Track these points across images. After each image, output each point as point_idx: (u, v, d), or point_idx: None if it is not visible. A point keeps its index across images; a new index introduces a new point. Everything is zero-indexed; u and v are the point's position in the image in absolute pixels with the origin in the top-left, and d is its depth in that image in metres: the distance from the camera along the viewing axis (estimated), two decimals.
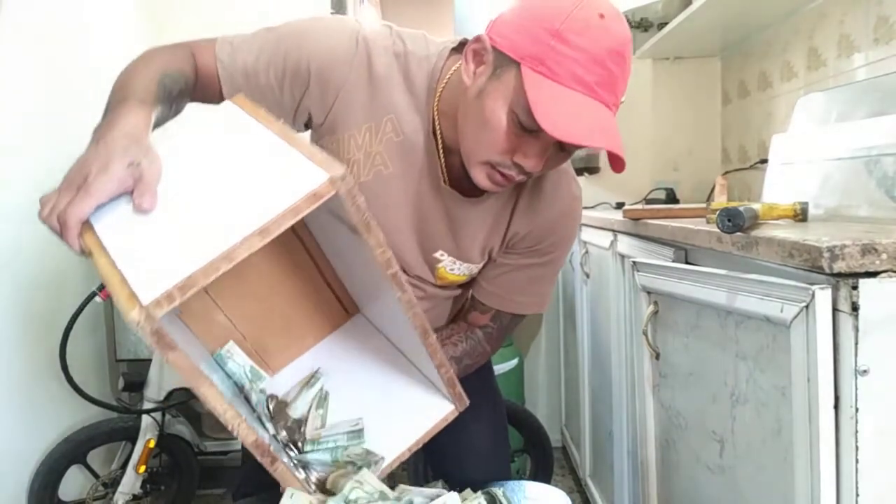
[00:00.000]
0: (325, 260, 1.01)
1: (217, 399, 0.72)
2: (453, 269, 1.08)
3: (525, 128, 0.85)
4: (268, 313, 1.00)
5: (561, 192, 1.07)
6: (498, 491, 0.97)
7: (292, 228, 0.93)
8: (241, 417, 0.74)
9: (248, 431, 0.75)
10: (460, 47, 0.99)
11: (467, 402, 0.92)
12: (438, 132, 0.97)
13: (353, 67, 0.94)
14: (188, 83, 0.93)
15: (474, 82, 0.89)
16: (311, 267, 1.01)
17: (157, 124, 0.86)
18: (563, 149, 0.91)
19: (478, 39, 0.89)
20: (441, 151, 0.98)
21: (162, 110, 0.87)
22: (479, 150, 0.89)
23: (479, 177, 0.91)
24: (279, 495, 0.79)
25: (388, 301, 0.85)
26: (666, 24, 2.23)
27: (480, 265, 1.11)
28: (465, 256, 1.07)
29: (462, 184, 1.00)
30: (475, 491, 0.97)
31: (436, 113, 0.97)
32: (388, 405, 0.95)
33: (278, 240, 0.71)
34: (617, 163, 0.86)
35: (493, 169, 0.90)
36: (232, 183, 0.73)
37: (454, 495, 0.88)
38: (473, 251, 1.07)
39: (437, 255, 1.07)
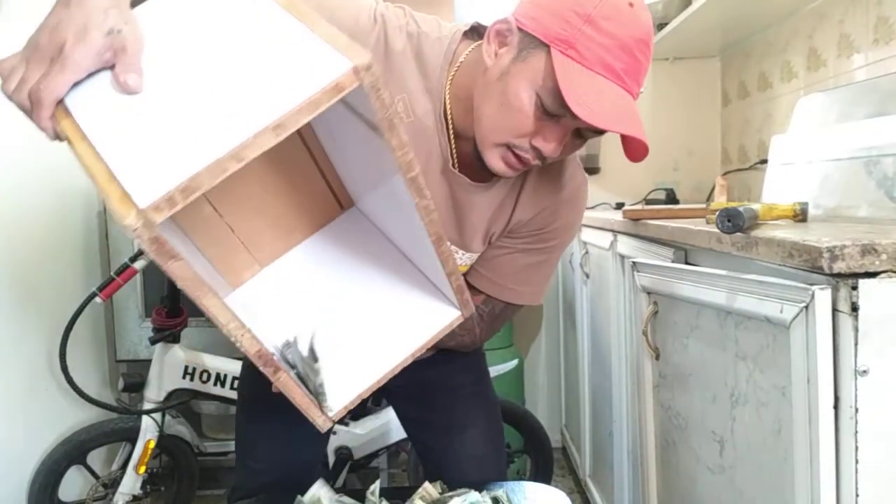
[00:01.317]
0: (322, 152, 0.92)
1: (221, 310, 0.65)
2: (457, 260, 1.06)
3: (548, 112, 0.85)
4: (257, 203, 0.91)
5: (568, 178, 1.06)
6: (500, 492, 0.97)
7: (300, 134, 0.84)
8: (245, 328, 0.68)
9: (251, 342, 0.69)
10: (472, 32, 0.98)
11: (472, 309, 0.88)
12: (449, 115, 0.96)
13: (371, 41, 0.92)
14: None
15: (496, 63, 0.88)
16: (306, 157, 0.92)
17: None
18: (580, 135, 0.91)
19: (504, 21, 0.88)
20: (451, 135, 0.97)
21: None
22: (498, 132, 0.88)
23: (494, 159, 0.90)
24: (276, 497, 0.79)
25: (391, 197, 0.79)
26: (666, 24, 2.23)
27: (481, 252, 1.09)
28: (466, 245, 1.05)
29: (470, 170, 0.99)
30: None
31: (447, 96, 0.96)
32: (390, 308, 0.89)
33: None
34: (639, 151, 0.87)
35: (510, 151, 0.89)
36: (239, 67, 0.63)
37: (475, 494, 0.88)
38: (476, 240, 1.05)
39: None
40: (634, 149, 0.87)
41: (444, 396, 1.23)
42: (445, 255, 0.80)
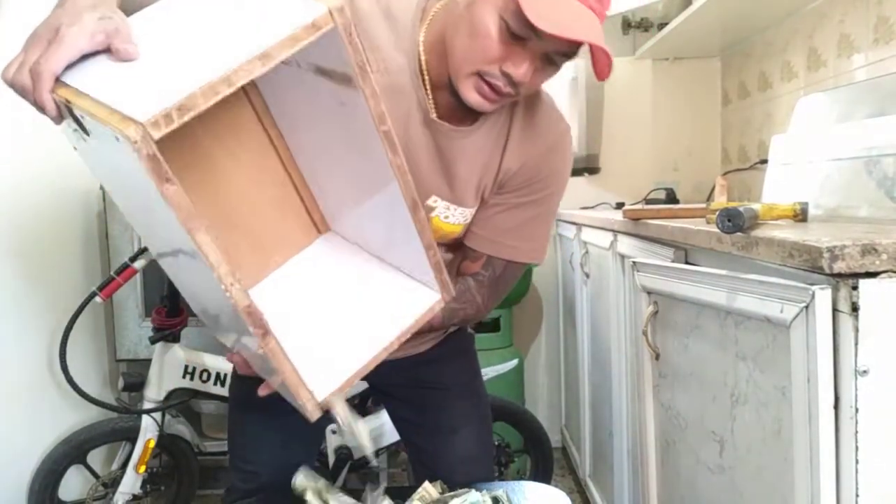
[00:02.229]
0: (297, 170, 0.96)
1: (212, 250, 0.66)
2: (447, 216, 1.05)
3: (514, 34, 0.87)
4: (237, 227, 0.94)
5: (551, 125, 1.07)
6: (500, 492, 0.97)
7: (266, 133, 0.89)
8: (235, 277, 0.68)
9: (241, 295, 0.69)
10: None
11: (453, 293, 0.89)
12: (425, 68, 0.97)
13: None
14: None
15: None
16: (283, 177, 0.95)
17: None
18: (550, 62, 0.92)
19: None
20: (428, 85, 0.98)
21: None
22: (468, 61, 0.90)
23: (468, 91, 0.91)
24: (271, 499, 0.79)
25: (368, 198, 0.82)
26: (666, 24, 2.23)
27: (474, 210, 1.08)
28: (459, 199, 1.05)
29: (452, 120, 1.00)
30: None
31: (421, 49, 0.97)
32: (371, 302, 0.90)
33: (251, 146, 0.65)
34: (603, 63, 0.88)
35: (482, 80, 0.90)
36: (221, 23, 0.69)
37: (475, 494, 0.88)
38: (468, 193, 1.05)
39: (431, 201, 1.04)
40: (602, 65, 0.88)
41: (437, 396, 1.23)
42: (421, 223, 0.81)
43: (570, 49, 0.89)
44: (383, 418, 2.04)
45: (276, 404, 1.15)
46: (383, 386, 1.29)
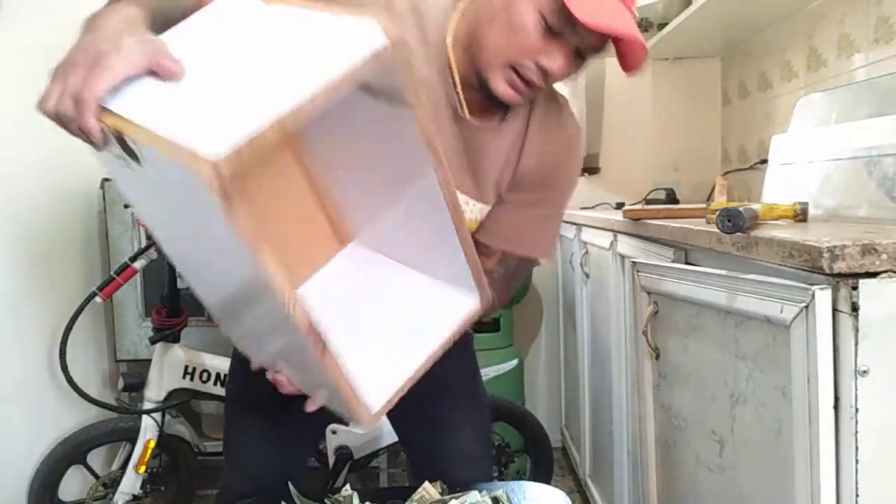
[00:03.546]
0: (319, 179, 0.95)
1: (278, 272, 0.65)
2: (467, 213, 1.07)
3: (552, 29, 0.90)
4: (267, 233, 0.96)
5: (567, 125, 1.10)
6: (500, 492, 0.97)
7: (292, 149, 0.88)
8: (297, 297, 0.67)
9: (302, 314, 0.68)
10: None
11: (490, 295, 0.91)
12: (454, 64, 0.99)
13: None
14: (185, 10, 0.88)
15: None
16: (305, 187, 0.95)
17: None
18: (580, 55, 0.95)
19: None
20: (457, 81, 0.99)
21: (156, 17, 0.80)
22: (504, 53, 0.92)
23: (499, 83, 0.93)
24: (266, 500, 0.78)
25: (396, 206, 0.82)
26: (666, 24, 2.23)
27: (490, 206, 1.10)
28: (481, 196, 1.07)
29: (476, 115, 1.01)
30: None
31: (450, 46, 0.98)
32: (410, 310, 0.90)
33: (274, 160, 0.63)
34: (640, 56, 0.92)
35: (514, 73, 0.93)
36: (270, 43, 0.67)
37: (475, 494, 0.88)
38: (489, 189, 1.07)
39: None
40: (633, 57, 0.92)
41: (436, 392, 1.22)
42: (464, 231, 0.82)
43: (601, 43, 0.93)
44: (382, 418, 2.04)
45: (273, 404, 1.15)
46: None
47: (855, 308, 0.69)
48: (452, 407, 1.23)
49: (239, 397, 1.22)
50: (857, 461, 0.70)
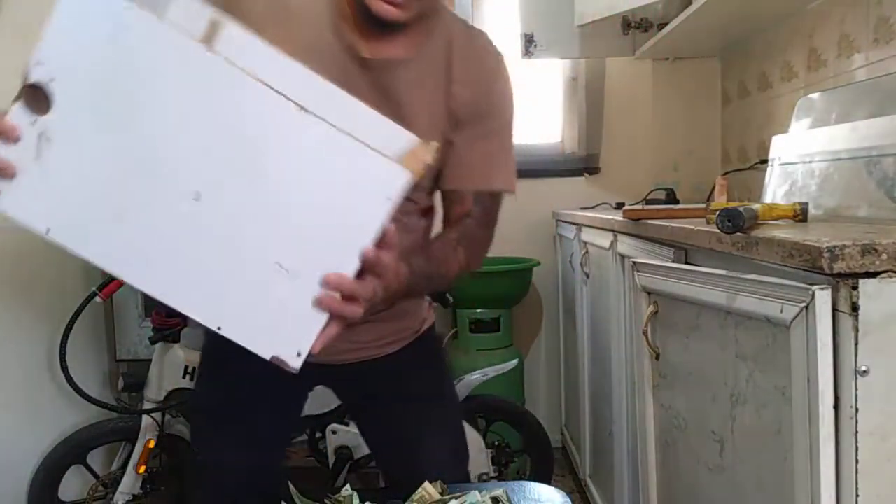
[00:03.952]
0: None
1: None
2: None
3: None
4: None
5: (490, 52, 1.11)
6: (500, 492, 0.97)
7: None
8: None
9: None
10: None
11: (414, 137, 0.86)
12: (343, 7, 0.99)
13: None
14: None
15: None
16: None
17: None
18: None
19: None
20: (352, 23, 1.00)
21: None
22: None
23: (375, 2, 0.94)
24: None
25: None
26: (666, 24, 2.23)
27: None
28: (419, 136, 1.06)
29: (381, 54, 1.01)
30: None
31: None
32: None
33: None
34: None
35: None
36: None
37: (475, 493, 0.88)
38: (421, 128, 0.98)
39: None
40: None
41: (404, 408, 1.20)
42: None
43: None
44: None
45: (243, 406, 1.14)
46: (353, 399, 1.28)
47: (855, 308, 0.69)
48: (423, 418, 1.20)
49: (208, 401, 1.20)
50: (857, 461, 0.70)
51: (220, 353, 1.15)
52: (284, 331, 0.77)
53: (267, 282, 0.74)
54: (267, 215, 0.73)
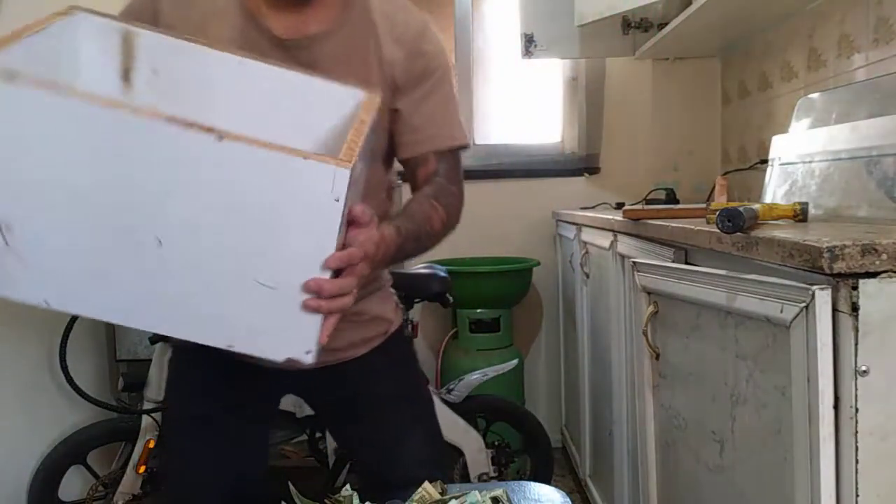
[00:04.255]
0: None
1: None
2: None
3: None
4: None
5: (411, 12, 1.10)
6: (500, 492, 0.97)
7: None
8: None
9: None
10: None
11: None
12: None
13: None
14: None
15: None
16: None
17: None
18: None
19: None
20: (263, 9, 1.00)
21: None
22: None
23: None
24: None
25: None
26: (666, 24, 2.23)
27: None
28: None
29: (297, 33, 1.01)
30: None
31: None
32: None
33: None
34: None
35: None
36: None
37: (475, 493, 0.88)
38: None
39: None
40: None
41: (378, 410, 1.19)
42: None
43: None
44: None
45: (216, 422, 1.12)
46: (324, 403, 1.25)
47: (855, 308, 0.69)
48: (398, 420, 1.19)
49: (179, 418, 1.17)
50: (856, 461, 0.70)
51: (185, 368, 1.14)
52: (288, 334, 0.78)
53: (255, 297, 0.76)
54: (227, 246, 0.74)
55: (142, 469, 1.94)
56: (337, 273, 0.77)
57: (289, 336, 0.78)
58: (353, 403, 1.19)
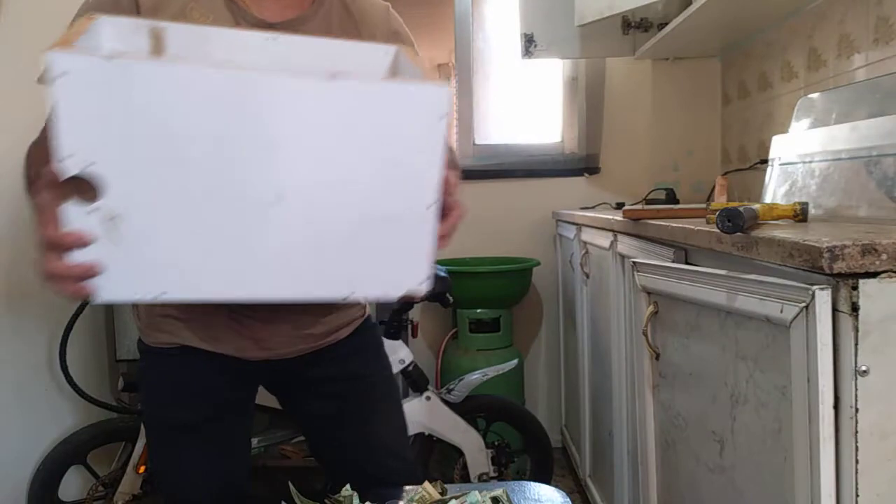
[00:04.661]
0: None
1: None
2: None
3: None
4: None
5: None
6: (500, 492, 0.97)
7: None
8: None
9: None
10: None
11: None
12: None
13: None
14: None
15: None
16: None
17: None
18: None
19: None
20: None
21: None
22: None
23: None
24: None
25: None
26: (666, 24, 2.23)
27: None
28: None
29: (277, 16, 1.02)
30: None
31: None
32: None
33: None
34: None
35: None
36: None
37: (475, 493, 0.88)
38: None
39: None
40: None
41: (363, 387, 1.19)
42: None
43: None
44: None
45: (200, 424, 1.12)
46: (294, 389, 1.22)
47: (855, 308, 0.69)
48: (380, 399, 1.21)
49: (165, 422, 1.15)
50: (856, 461, 0.70)
51: (159, 374, 1.13)
52: (406, 267, 0.80)
53: (377, 234, 0.77)
54: (348, 188, 0.75)
55: (142, 469, 1.94)
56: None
57: (406, 269, 0.80)
58: (342, 381, 1.18)
